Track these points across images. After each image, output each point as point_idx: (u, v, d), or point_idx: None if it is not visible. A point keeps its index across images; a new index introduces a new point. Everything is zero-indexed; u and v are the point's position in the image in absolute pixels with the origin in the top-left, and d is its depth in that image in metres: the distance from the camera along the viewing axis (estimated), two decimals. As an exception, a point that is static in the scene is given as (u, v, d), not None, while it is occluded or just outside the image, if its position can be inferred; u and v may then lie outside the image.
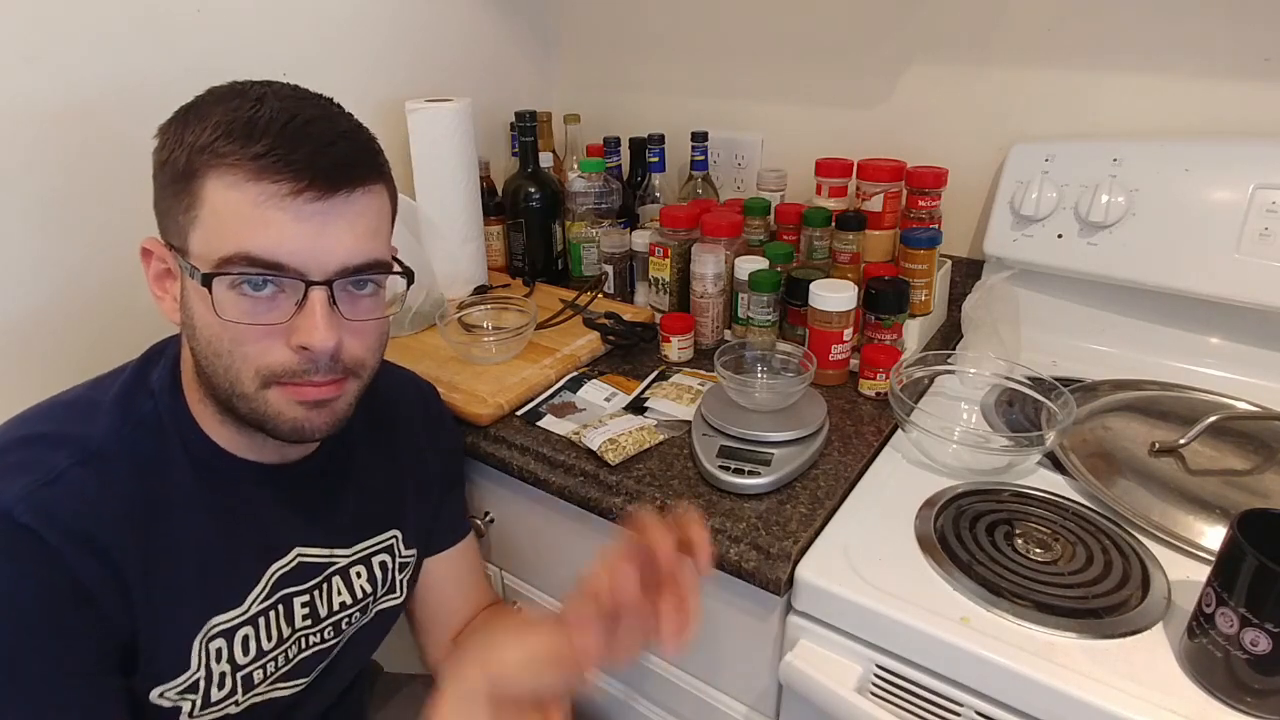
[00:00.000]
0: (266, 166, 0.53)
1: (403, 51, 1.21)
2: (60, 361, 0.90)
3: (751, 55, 1.24)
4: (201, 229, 0.54)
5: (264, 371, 0.56)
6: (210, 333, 0.56)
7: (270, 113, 0.54)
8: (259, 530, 0.65)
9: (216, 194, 0.53)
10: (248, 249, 0.53)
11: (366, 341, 0.61)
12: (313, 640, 0.70)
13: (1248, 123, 0.89)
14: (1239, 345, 0.91)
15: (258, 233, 0.53)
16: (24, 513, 0.52)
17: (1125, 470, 0.77)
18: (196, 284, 0.55)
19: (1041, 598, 0.62)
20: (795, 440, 0.79)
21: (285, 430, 0.59)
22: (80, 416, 0.59)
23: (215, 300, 0.54)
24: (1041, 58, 1.00)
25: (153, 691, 0.59)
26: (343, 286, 0.57)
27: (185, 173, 0.54)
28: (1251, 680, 0.53)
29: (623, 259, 1.17)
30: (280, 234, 0.53)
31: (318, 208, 0.54)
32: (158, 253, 0.59)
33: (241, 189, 0.53)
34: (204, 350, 0.57)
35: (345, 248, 0.56)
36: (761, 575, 0.68)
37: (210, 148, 0.53)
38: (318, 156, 0.54)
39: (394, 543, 0.76)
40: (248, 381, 0.57)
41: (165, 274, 0.59)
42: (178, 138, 0.55)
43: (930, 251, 0.99)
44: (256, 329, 0.55)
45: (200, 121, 0.54)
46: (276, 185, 0.53)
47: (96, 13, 0.86)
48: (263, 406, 0.57)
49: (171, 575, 0.59)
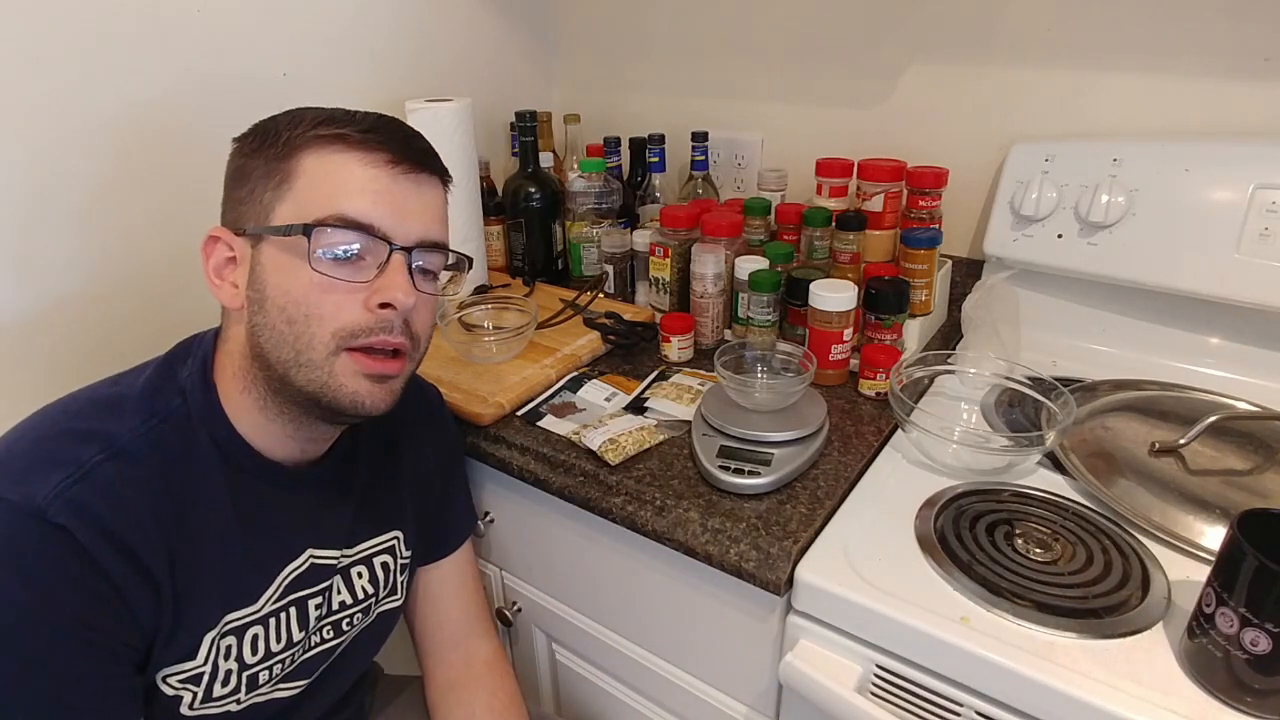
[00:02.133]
0: (370, 140, 0.59)
1: (403, 51, 1.21)
2: (75, 358, 0.90)
3: (751, 55, 1.24)
4: (294, 198, 0.58)
5: (340, 333, 0.59)
6: (287, 298, 0.58)
7: (360, 112, 0.62)
8: (276, 531, 0.65)
9: (316, 165, 0.58)
10: (343, 210, 0.58)
11: (425, 319, 0.65)
12: (314, 641, 0.70)
13: (1248, 123, 0.89)
14: (1239, 345, 0.91)
15: (354, 195, 0.58)
16: (57, 512, 0.52)
17: (1125, 470, 0.77)
18: (282, 246, 0.58)
19: (1041, 598, 0.62)
20: (795, 440, 0.79)
21: (345, 402, 0.60)
22: (107, 412, 0.59)
23: (310, 253, 0.57)
24: (1041, 58, 1.00)
25: (158, 674, 0.59)
26: (417, 260, 0.62)
27: (284, 154, 0.59)
28: (1251, 680, 0.53)
29: (623, 259, 1.17)
30: (375, 198, 0.59)
31: (409, 180, 0.61)
32: (225, 239, 0.61)
33: (344, 156, 0.59)
34: (274, 320, 0.59)
35: (425, 221, 0.62)
36: (761, 575, 0.68)
37: (310, 129, 0.59)
38: (408, 140, 0.62)
39: (395, 544, 0.76)
40: (320, 346, 0.59)
41: (228, 262, 0.62)
42: (270, 133, 0.60)
43: (930, 251, 0.99)
44: (341, 285, 0.58)
45: (293, 119, 0.60)
46: (378, 154, 0.59)
47: (96, 13, 0.86)
48: (326, 375, 0.59)
49: (194, 570, 0.59)
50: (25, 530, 0.52)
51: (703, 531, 0.72)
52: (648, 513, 0.76)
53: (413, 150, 0.61)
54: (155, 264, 0.96)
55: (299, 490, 0.67)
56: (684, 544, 0.73)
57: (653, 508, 0.76)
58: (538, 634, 1.02)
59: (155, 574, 0.56)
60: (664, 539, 0.74)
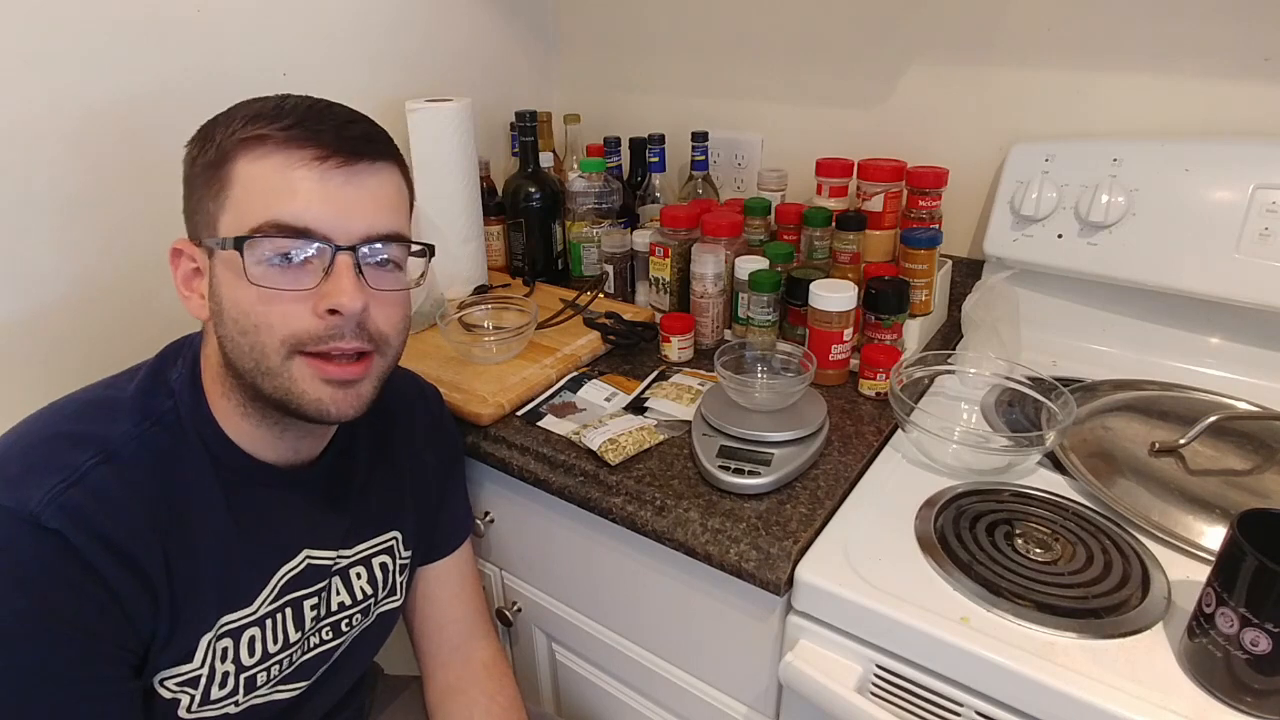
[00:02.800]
0: (294, 136, 0.56)
1: (403, 52, 1.21)
2: (74, 358, 0.90)
3: (751, 55, 1.24)
4: (232, 207, 0.57)
5: (290, 340, 0.57)
6: (237, 310, 0.57)
7: (292, 101, 0.59)
8: (270, 532, 0.65)
9: (246, 170, 0.56)
10: (276, 216, 0.56)
11: (390, 315, 0.62)
12: (314, 642, 0.70)
13: (1248, 123, 0.89)
14: (1239, 345, 0.91)
15: (285, 200, 0.56)
16: (51, 517, 0.52)
17: (1125, 470, 0.77)
18: (225, 260, 0.57)
19: (1041, 598, 0.62)
20: (795, 440, 0.79)
21: (309, 409, 0.59)
22: (99, 415, 0.59)
23: (246, 267, 0.56)
24: (1041, 58, 1.00)
25: (155, 677, 0.59)
26: (366, 257, 0.59)
27: (216, 161, 0.57)
28: (1251, 680, 0.53)
29: (623, 259, 1.17)
30: (307, 199, 0.56)
31: (342, 175, 0.57)
32: (188, 251, 0.61)
33: (269, 159, 0.56)
34: (230, 331, 0.58)
35: (368, 215, 0.59)
36: (761, 575, 0.68)
37: (239, 132, 0.57)
38: (340, 130, 0.58)
39: (394, 544, 0.76)
40: (273, 354, 0.57)
41: (194, 273, 0.61)
42: (208, 138, 0.58)
43: (930, 251, 0.99)
44: (284, 295, 0.57)
45: (227, 119, 0.58)
46: (303, 152, 0.56)
47: (96, 14, 0.86)
48: (287, 382, 0.58)
49: (190, 573, 0.59)
50: (20, 536, 0.51)
51: (703, 531, 0.72)
52: (648, 513, 0.76)
53: (345, 141, 0.57)
54: (146, 266, 0.95)
55: (294, 491, 0.67)
56: (684, 544, 0.73)
57: (653, 508, 0.76)
58: (538, 634, 1.02)
59: (151, 577, 0.56)
60: (664, 539, 0.74)
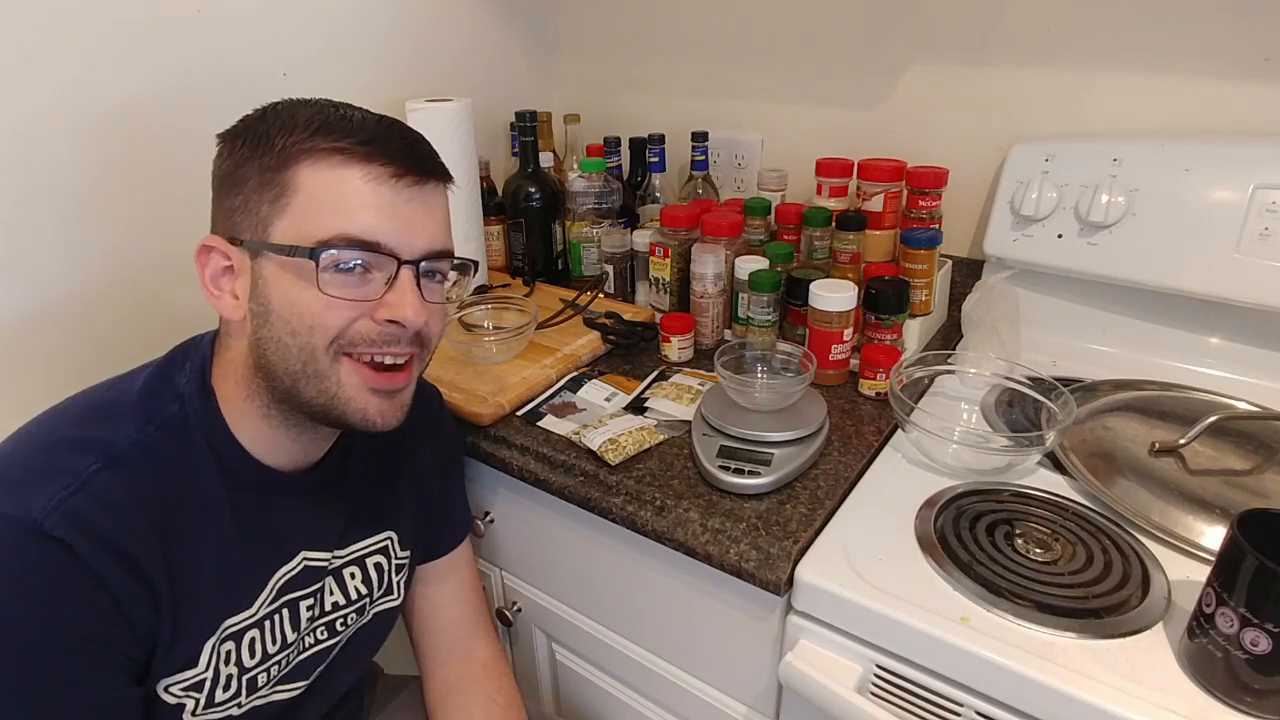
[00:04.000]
0: (372, 152, 0.57)
1: (403, 51, 1.21)
2: (79, 358, 0.91)
3: (751, 55, 1.24)
4: (294, 214, 0.57)
5: (341, 340, 0.58)
6: (292, 312, 0.57)
7: (358, 113, 0.60)
8: (270, 535, 0.65)
9: (315, 179, 0.56)
10: (347, 229, 0.56)
11: (437, 323, 0.65)
12: (309, 642, 0.70)
13: (1248, 123, 0.89)
14: (1239, 345, 0.91)
15: (358, 213, 0.57)
16: (55, 525, 0.51)
17: (1125, 470, 0.77)
18: (282, 263, 0.57)
19: (1041, 598, 0.62)
20: (795, 440, 0.79)
21: (354, 418, 0.61)
22: (102, 419, 0.59)
23: (319, 276, 0.56)
24: (1041, 58, 1.00)
25: (159, 684, 0.59)
26: (424, 271, 0.61)
27: (276, 165, 0.57)
28: (1251, 680, 0.53)
29: (623, 259, 1.17)
30: (379, 214, 0.57)
31: (413, 192, 0.59)
32: (220, 249, 0.59)
33: (344, 171, 0.57)
34: (277, 333, 0.58)
35: (430, 232, 0.61)
36: (761, 575, 0.68)
37: (308, 139, 0.57)
38: (410, 149, 0.60)
39: (389, 544, 0.76)
40: (322, 355, 0.58)
41: (224, 272, 0.60)
42: (263, 139, 0.58)
43: (930, 251, 0.99)
44: (347, 303, 0.58)
45: (287, 122, 0.58)
46: (382, 168, 0.57)
47: (96, 14, 0.86)
48: (334, 386, 0.59)
49: (193, 578, 0.59)
50: (23, 544, 0.51)
51: (703, 531, 0.72)
52: (648, 513, 0.76)
53: (416, 159, 0.59)
54: (152, 265, 0.95)
55: (294, 494, 0.67)
56: (684, 544, 0.73)
57: (653, 508, 0.76)
58: (538, 634, 1.02)
59: (154, 583, 0.56)
60: (664, 539, 0.74)
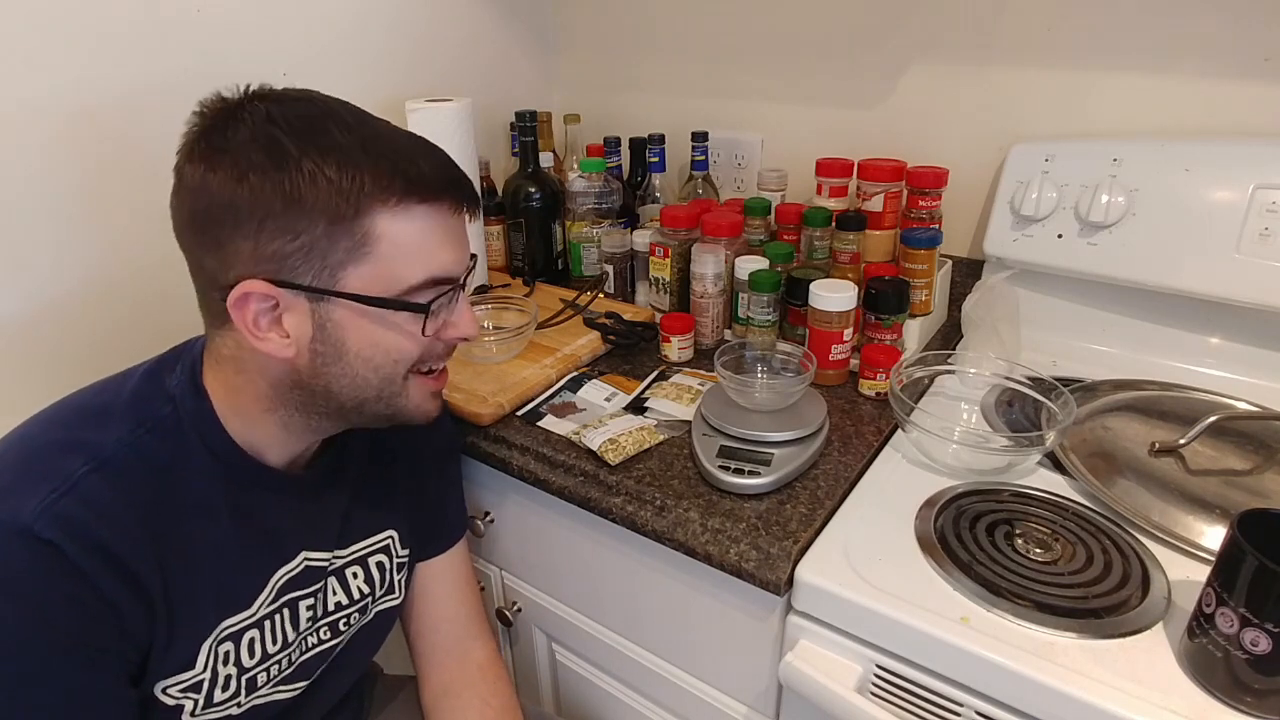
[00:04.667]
0: (441, 196, 0.59)
1: (403, 51, 1.21)
2: (77, 359, 0.90)
3: (751, 55, 1.24)
4: (376, 262, 0.57)
5: (416, 364, 0.63)
6: (374, 350, 0.60)
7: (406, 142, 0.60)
8: (268, 534, 0.65)
9: (395, 227, 0.57)
10: (434, 273, 0.60)
11: None
12: (311, 642, 0.70)
13: (1248, 123, 0.89)
14: (1239, 345, 0.91)
15: (438, 255, 0.60)
16: (45, 527, 0.51)
17: (1125, 470, 0.77)
18: (361, 313, 0.58)
19: (1041, 598, 0.62)
20: (795, 440, 0.79)
21: (419, 418, 0.67)
22: (92, 421, 0.59)
23: (426, 324, 0.61)
24: (1041, 58, 1.00)
25: (157, 686, 0.59)
26: None
27: (350, 214, 0.55)
28: (1251, 680, 0.53)
29: (623, 259, 1.17)
30: (453, 249, 0.61)
31: (463, 218, 0.63)
32: (268, 294, 0.56)
33: (425, 218, 0.58)
34: (353, 370, 0.60)
35: (468, 249, 0.64)
36: (761, 575, 0.68)
37: (381, 190, 0.56)
38: (460, 183, 0.62)
39: (390, 543, 0.76)
40: (399, 379, 0.63)
41: (266, 312, 0.57)
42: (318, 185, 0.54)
43: (930, 251, 0.99)
44: (430, 336, 0.62)
45: (353, 170, 0.55)
46: (448, 207, 0.60)
47: (95, 14, 0.86)
48: (403, 400, 0.64)
49: (187, 579, 0.59)
50: (13, 547, 0.51)
51: (703, 531, 0.72)
52: (648, 513, 0.76)
53: (466, 191, 0.62)
54: (150, 266, 0.95)
55: (291, 493, 0.67)
56: (684, 544, 0.73)
57: (653, 508, 0.76)
58: (538, 634, 1.02)
59: (147, 585, 0.56)
60: (664, 539, 0.74)
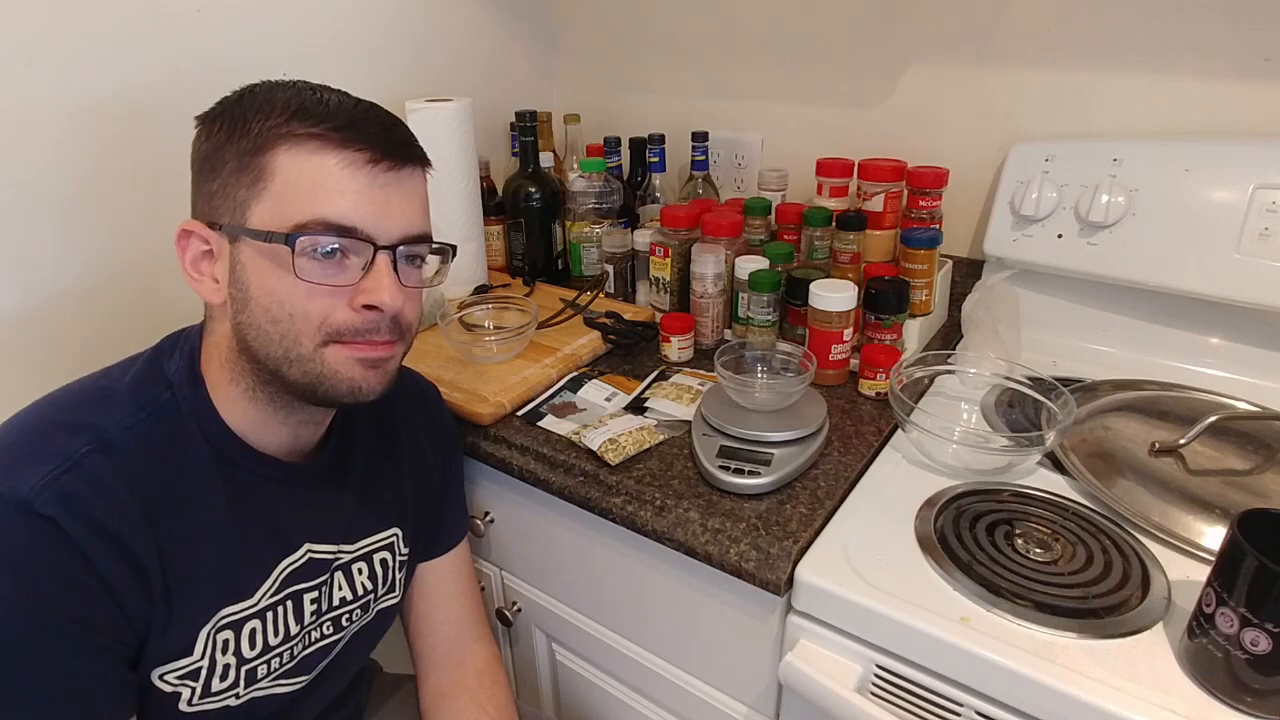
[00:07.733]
0: (348, 137, 0.57)
1: (403, 51, 1.21)
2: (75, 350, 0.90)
3: (751, 55, 1.24)
4: (271, 199, 0.57)
5: (326, 328, 0.59)
6: (271, 299, 0.58)
7: (335, 97, 0.60)
8: (271, 524, 0.65)
9: (292, 164, 0.56)
10: (323, 214, 0.57)
11: (415, 308, 0.65)
12: (314, 636, 0.70)
13: (1248, 123, 0.89)
14: (1239, 345, 0.91)
15: (335, 198, 0.57)
16: (45, 504, 0.52)
17: (1125, 470, 0.77)
18: (259, 249, 0.57)
19: (1041, 598, 0.62)
20: (795, 440, 0.79)
21: (342, 390, 0.61)
22: (95, 404, 0.59)
23: (295, 261, 0.56)
24: (1041, 58, 1.00)
25: (154, 672, 0.59)
26: (401, 254, 0.61)
27: (252, 149, 0.57)
28: (1251, 680, 0.53)
29: (623, 259, 1.17)
30: (355, 199, 0.57)
31: (389, 177, 0.59)
32: (199, 233, 0.59)
33: (320, 157, 0.57)
34: (256, 319, 0.58)
35: (407, 218, 0.61)
36: (761, 575, 0.68)
37: (284, 124, 0.57)
38: (387, 133, 0.59)
39: (395, 540, 0.76)
40: (307, 341, 0.59)
41: (204, 256, 0.60)
42: (239, 122, 0.57)
43: (930, 251, 0.99)
44: (324, 289, 0.58)
45: (264, 105, 0.58)
46: (358, 154, 0.57)
47: (95, 13, 0.86)
48: (319, 366, 0.60)
49: (186, 565, 0.59)
50: (13, 522, 0.51)
51: (703, 531, 0.72)
52: (648, 513, 0.76)
53: (393, 145, 0.59)
54: (147, 259, 0.95)
55: (294, 484, 0.67)
56: (684, 544, 0.73)
57: (653, 508, 0.76)
58: (538, 634, 1.02)
59: (145, 566, 0.56)
60: (664, 539, 0.74)
